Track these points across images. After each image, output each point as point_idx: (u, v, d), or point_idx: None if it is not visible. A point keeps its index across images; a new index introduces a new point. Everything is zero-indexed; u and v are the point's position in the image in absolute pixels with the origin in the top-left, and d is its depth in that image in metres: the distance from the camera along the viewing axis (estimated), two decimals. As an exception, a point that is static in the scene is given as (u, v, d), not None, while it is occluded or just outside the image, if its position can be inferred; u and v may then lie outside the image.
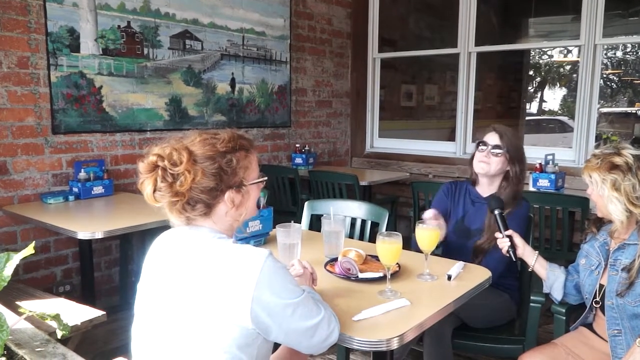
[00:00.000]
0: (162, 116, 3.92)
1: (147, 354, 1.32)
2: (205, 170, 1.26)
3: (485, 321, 2.25)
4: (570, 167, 4.30)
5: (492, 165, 2.29)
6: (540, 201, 3.26)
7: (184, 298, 1.24)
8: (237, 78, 4.48)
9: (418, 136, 5.90)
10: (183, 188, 1.24)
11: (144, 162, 1.27)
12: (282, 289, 1.23)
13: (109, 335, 2.99)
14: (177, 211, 1.29)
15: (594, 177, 1.80)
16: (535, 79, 13.41)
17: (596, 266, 1.88)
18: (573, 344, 1.91)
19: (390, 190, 5.16)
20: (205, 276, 1.23)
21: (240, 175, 1.31)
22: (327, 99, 5.50)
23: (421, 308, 1.54)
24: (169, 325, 1.27)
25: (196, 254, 1.28)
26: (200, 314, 1.22)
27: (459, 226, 2.37)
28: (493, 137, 2.31)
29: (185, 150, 1.26)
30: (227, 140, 1.31)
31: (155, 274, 1.34)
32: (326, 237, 2.08)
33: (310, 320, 1.26)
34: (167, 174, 1.24)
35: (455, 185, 2.48)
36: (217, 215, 1.32)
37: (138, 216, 2.74)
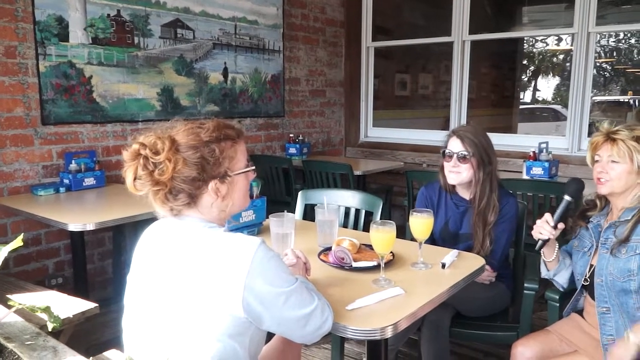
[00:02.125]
0: (154, 106, 3.89)
1: (139, 345, 1.31)
2: (187, 159, 1.24)
3: (481, 310, 2.25)
4: (564, 155, 4.32)
5: (464, 173, 2.20)
6: (533, 189, 3.27)
7: (175, 288, 1.24)
8: (230, 67, 4.44)
9: (412, 125, 5.89)
10: (163, 177, 1.22)
11: (127, 150, 1.27)
12: (275, 277, 1.22)
13: (102, 327, 2.97)
14: (160, 201, 1.28)
15: (631, 146, 1.75)
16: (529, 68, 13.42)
17: (588, 248, 1.89)
18: (566, 330, 1.92)
19: (385, 180, 5.16)
20: (196, 265, 1.22)
21: (224, 166, 1.30)
22: (321, 88, 5.48)
23: (415, 296, 1.54)
24: (160, 315, 1.26)
25: (186, 243, 1.27)
26: (191, 303, 1.21)
27: (444, 231, 2.32)
28: (455, 143, 2.21)
29: (168, 138, 1.25)
30: (211, 129, 1.29)
31: (146, 266, 1.33)
32: (320, 227, 2.08)
33: (303, 309, 1.26)
34: (148, 162, 1.23)
35: (432, 189, 2.38)
36: (202, 206, 1.30)
37: (130, 207, 2.72)
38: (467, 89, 5.12)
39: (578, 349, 1.85)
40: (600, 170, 1.81)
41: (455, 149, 2.20)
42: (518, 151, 4.48)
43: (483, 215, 2.20)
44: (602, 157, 1.82)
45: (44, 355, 1.29)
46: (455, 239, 2.29)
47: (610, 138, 1.79)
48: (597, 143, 1.84)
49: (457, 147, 2.20)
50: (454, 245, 2.24)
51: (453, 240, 2.29)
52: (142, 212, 2.61)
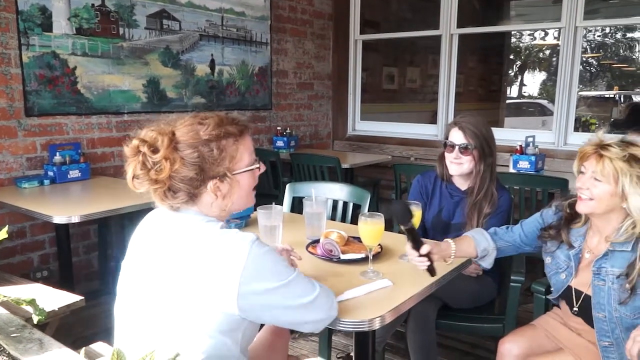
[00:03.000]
0: (140, 98, 3.85)
1: (129, 334, 1.31)
2: (184, 159, 1.21)
3: (467, 302, 2.27)
4: (550, 149, 4.36)
5: (465, 165, 2.20)
6: (520, 183, 3.30)
7: (168, 281, 1.23)
8: (217, 59, 4.41)
9: (400, 119, 5.90)
10: (161, 176, 1.20)
11: (128, 146, 1.23)
12: (271, 273, 1.21)
13: (88, 320, 2.96)
14: (159, 197, 1.26)
15: (617, 167, 1.59)
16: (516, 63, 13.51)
17: (564, 269, 1.81)
18: (552, 326, 1.91)
19: (372, 173, 5.16)
20: (190, 261, 1.21)
21: (224, 165, 1.26)
22: (309, 81, 5.46)
23: (403, 288, 1.55)
24: (152, 307, 1.25)
25: (182, 237, 1.25)
26: (183, 298, 1.20)
27: (437, 221, 2.33)
28: (458, 135, 2.20)
29: (169, 135, 1.21)
30: (212, 126, 1.25)
31: (140, 255, 1.32)
32: (308, 219, 2.08)
33: (306, 297, 1.25)
34: (147, 159, 1.20)
35: (427, 177, 2.39)
36: (202, 204, 1.28)
37: (116, 200, 2.70)
38: (455, 82, 5.13)
39: (563, 346, 1.84)
40: (580, 185, 1.68)
41: (457, 141, 2.20)
42: (505, 145, 4.50)
43: (479, 206, 2.20)
44: (586, 171, 1.67)
45: (29, 347, 1.28)
46: (446, 228, 2.30)
47: (599, 152, 1.63)
48: (585, 153, 1.68)
49: (459, 139, 2.20)
50: (445, 235, 2.23)
51: (444, 230, 2.30)
52: (128, 205, 2.60)
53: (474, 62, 8.62)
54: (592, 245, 1.77)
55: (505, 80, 10.55)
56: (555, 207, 1.86)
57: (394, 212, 1.59)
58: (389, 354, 2.74)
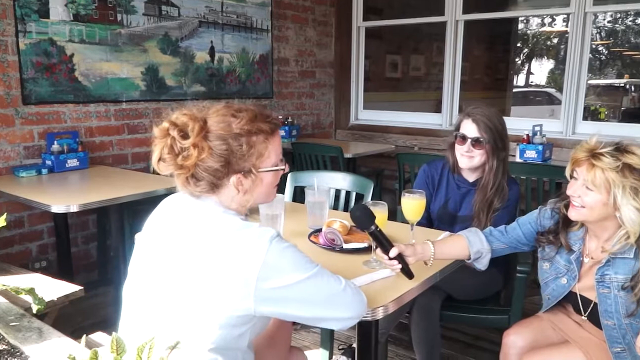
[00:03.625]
0: (139, 86, 3.85)
1: (136, 318, 1.31)
2: (212, 149, 1.21)
3: (472, 294, 2.27)
4: (558, 138, 4.34)
5: (476, 159, 2.18)
6: (527, 172, 3.29)
7: (183, 269, 1.23)
8: (217, 47, 4.39)
9: (403, 108, 5.87)
10: (187, 163, 1.20)
11: (158, 127, 1.24)
12: (292, 268, 1.20)
13: (87, 311, 2.98)
14: (181, 182, 1.27)
15: (609, 178, 1.56)
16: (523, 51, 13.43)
17: (564, 273, 1.79)
18: (558, 317, 1.91)
19: (375, 163, 5.16)
20: (207, 252, 1.21)
21: (251, 162, 1.26)
22: (311, 69, 5.44)
23: (406, 278, 1.55)
24: (162, 293, 1.25)
25: (201, 226, 1.25)
26: (197, 289, 1.20)
27: (442, 212, 2.32)
28: (471, 127, 2.16)
29: (201, 122, 1.22)
30: (245, 121, 1.25)
31: (157, 238, 1.33)
32: (310, 208, 2.09)
33: (331, 291, 1.24)
34: (175, 143, 1.21)
35: (434, 167, 2.37)
36: (222, 196, 1.28)
37: (115, 189, 2.70)
38: (460, 71, 5.10)
39: (569, 338, 1.83)
40: (572, 193, 1.65)
41: (470, 134, 2.17)
42: (512, 134, 4.47)
43: (490, 200, 2.18)
44: (578, 178, 1.64)
45: (29, 336, 1.30)
46: (452, 220, 2.30)
47: (591, 161, 1.59)
48: (577, 159, 1.64)
49: (471, 132, 2.16)
50: (451, 227, 2.25)
51: (450, 222, 2.29)
52: (127, 194, 2.59)
53: (480, 49, 8.56)
54: (591, 249, 1.76)
55: (512, 68, 10.49)
56: (551, 210, 1.82)
57: (354, 218, 1.55)
58: (392, 345, 2.76)
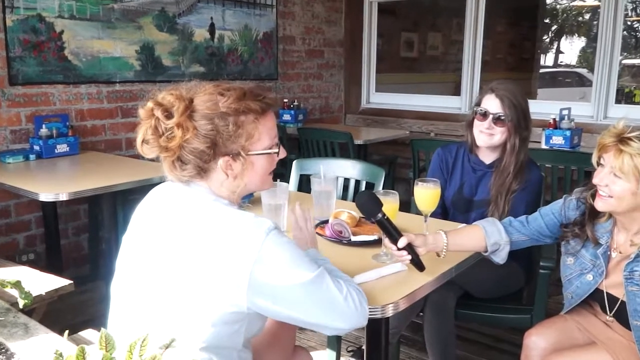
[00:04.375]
0: (133, 66, 3.85)
1: (125, 315, 1.32)
2: (198, 129, 1.21)
3: (491, 291, 2.26)
4: (588, 123, 4.30)
5: (496, 137, 2.18)
6: (553, 160, 3.27)
7: (172, 263, 1.23)
8: (217, 24, 4.38)
9: (419, 90, 5.86)
10: (171, 144, 1.21)
11: (143, 108, 1.25)
12: (289, 267, 1.19)
13: (78, 307, 3.00)
14: (167, 166, 1.28)
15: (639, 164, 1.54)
16: (552, 27, 13.29)
17: (589, 269, 1.78)
18: (584, 317, 1.89)
19: (388, 150, 5.15)
20: (197, 243, 1.22)
21: (239, 143, 1.25)
22: (319, 48, 5.42)
23: (418, 273, 1.55)
24: (152, 289, 1.26)
25: (191, 215, 1.26)
26: (187, 284, 1.21)
27: (457, 197, 2.32)
28: (494, 103, 2.16)
29: (186, 101, 1.22)
30: (232, 99, 1.24)
31: (145, 230, 1.33)
32: (316, 198, 2.09)
33: (331, 298, 1.23)
34: (159, 124, 1.22)
35: (448, 150, 2.37)
36: (211, 181, 1.29)
37: (107, 176, 2.71)
38: (481, 49, 5.07)
39: (596, 340, 1.81)
40: (599, 181, 1.63)
41: (493, 109, 2.17)
42: (537, 119, 4.44)
43: (509, 182, 2.19)
44: (605, 165, 1.62)
45: (14, 332, 1.32)
46: (468, 205, 2.30)
47: (618, 146, 1.57)
48: (604, 145, 1.62)
49: (494, 107, 2.16)
50: (466, 213, 2.25)
51: (466, 207, 2.29)
52: (120, 182, 2.60)
53: (504, 26, 8.48)
54: (620, 242, 1.74)
55: (539, 46, 10.38)
56: (576, 200, 1.81)
57: (360, 205, 1.55)
58: (405, 347, 2.76)
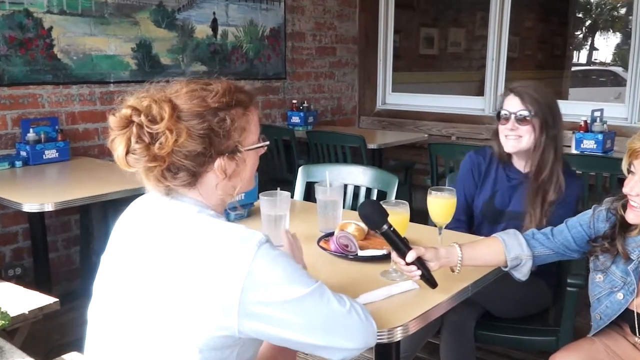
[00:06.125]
0: (129, 65, 3.86)
1: (104, 342, 1.30)
2: (191, 130, 1.20)
3: (514, 311, 2.23)
4: (622, 125, 4.26)
5: (524, 138, 2.14)
6: (583, 166, 3.21)
7: (154, 284, 1.21)
8: (220, 19, 4.39)
9: (439, 90, 5.87)
10: (163, 151, 1.18)
11: (115, 116, 1.21)
12: (284, 282, 1.17)
13: (66, 325, 2.98)
14: (154, 178, 1.24)
15: None
16: (585, 22, 13.20)
17: (620, 287, 1.75)
18: (613, 339, 1.86)
19: (406, 155, 5.15)
20: (182, 261, 1.19)
21: (235, 139, 1.26)
22: (330, 45, 5.42)
23: (432, 292, 1.53)
24: (132, 312, 1.23)
25: (174, 232, 1.24)
26: (171, 306, 1.18)
27: (487, 207, 2.29)
28: (513, 102, 2.16)
29: (168, 103, 1.20)
30: (221, 93, 1.24)
31: (123, 250, 1.31)
32: (321, 208, 2.08)
33: (332, 315, 1.20)
34: (143, 132, 1.19)
35: (482, 155, 2.35)
36: (204, 187, 1.27)
37: (100, 184, 2.72)
38: (507, 46, 5.06)
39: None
40: (629, 191, 1.61)
41: (513, 109, 2.15)
42: (567, 121, 4.37)
43: (543, 190, 2.15)
44: (636, 172, 1.61)
45: (-16, 356, 1.29)
46: (498, 217, 2.27)
47: None
48: (634, 150, 1.60)
49: (515, 106, 2.15)
50: (495, 225, 2.23)
51: (495, 219, 2.27)
52: (114, 190, 2.60)
53: (532, 20, 8.47)
54: None
55: (571, 43, 10.31)
56: (606, 211, 1.78)
57: (363, 215, 1.53)
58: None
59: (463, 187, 2.32)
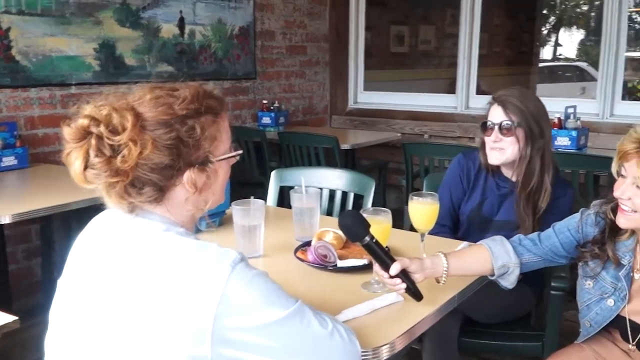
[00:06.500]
0: (91, 66, 3.80)
1: None
2: (157, 140, 1.11)
3: (497, 316, 2.20)
4: (593, 121, 4.31)
5: (508, 150, 2.11)
6: (559, 164, 3.20)
7: (117, 314, 1.11)
8: (187, 18, 4.36)
9: (411, 88, 5.92)
10: (126, 165, 1.08)
11: (71, 127, 1.11)
12: (262, 304, 1.09)
13: (28, 342, 2.86)
14: (117, 195, 1.14)
15: None
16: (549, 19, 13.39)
17: (610, 293, 1.72)
18: (603, 346, 1.83)
19: (379, 155, 5.16)
20: (147, 288, 1.10)
21: (205, 149, 1.17)
22: (301, 43, 5.42)
23: (417, 305, 1.48)
24: (94, 344, 1.14)
25: (138, 254, 1.14)
26: (137, 335, 1.09)
27: (475, 215, 2.26)
28: (496, 111, 2.12)
29: (131, 111, 1.11)
30: (189, 99, 1.15)
31: (82, 274, 1.21)
32: (297, 216, 2.04)
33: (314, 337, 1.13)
34: (103, 144, 1.09)
35: (471, 159, 2.30)
36: (172, 202, 1.18)
37: (61, 193, 2.63)
38: (478, 43, 5.10)
39: None
40: (620, 194, 1.57)
41: (497, 119, 2.11)
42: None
43: (533, 200, 2.13)
44: (627, 175, 1.56)
45: None
46: (485, 225, 2.23)
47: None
48: (624, 152, 1.55)
49: (498, 117, 2.11)
50: (482, 233, 2.19)
51: (482, 227, 2.23)
52: (76, 200, 2.51)
53: (501, 17, 8.58)
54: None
55: (538, 39, 10.44)
56: (595, 215, 1.74)
57: (343, 227, 1.47)
58: (401, 378, 2.66)
59: (450, 192, 2.28)
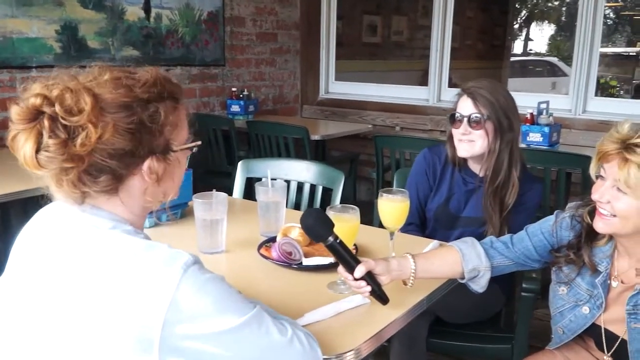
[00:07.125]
0: (52, 48, 3.74)
1: None
2: (118, 124, 1.03)
3: (466, 316, 2.17)
4: (566, 117, 4.32)
5: (477, 143, 2.08)
6: (531, 160, 3.18)
7: (60, 318, 1.04)
8: (154, 1, 4.32)
9: (383, 80, 5.88)
10: (84, 149, 1.00)
11: (20, 106, 1.02)
12: (215, 310, 1.02)
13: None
14: (69, 184, 1.05)
15: None
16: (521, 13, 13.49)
17: (586, 300, 1.67)
18: (575, 353, 1.81)
19: (349, 146, 5.16)
20: (91, 291, 1.02)
21: (166, 136, 1.11)
22: (271, 30, 5.39)
23: (385, 308, 1.43)
24: (35, 352, 1.07)
25: (82, 253, 1.06)
26: (81, 344, 1.02)
27: (441, 211, 2.22)
28: (465, 103, 2.09)
29: (88, 92, 1.02)
30: (151, 82, 1.09)
31: (24, 274, 1.13)
32: (262, 210, 1.99)
33: (272, 345, 1.08)
34: (57, 126, 1.00)
35: (437, 154, 2.27)
36: (128, 193, 1.10)
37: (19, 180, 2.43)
38: (450, 35, 5.11)
39: None
40: (599, 197, 1.50)
41: (466, 111, 2.07)
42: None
43: (500, 195, 2.09)
44: (607, 177, 1.49)
45: None
46: (452, 222, 2.20)
47: (623, 155, 1.43)
48: (604, 153, 1.48)
49: (467, 109, 2.07)
50: (449, 230, 2.17)
51: (449, 224, 2.20)
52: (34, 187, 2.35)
53: (473, 10, 8.63)
54: (622, 269, 1.63)
55: (510, 33, 10.49)
56: (571, 219, 1.68)
57: (305, 227, 1.40)
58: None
59: (416, 188, 2.24)
